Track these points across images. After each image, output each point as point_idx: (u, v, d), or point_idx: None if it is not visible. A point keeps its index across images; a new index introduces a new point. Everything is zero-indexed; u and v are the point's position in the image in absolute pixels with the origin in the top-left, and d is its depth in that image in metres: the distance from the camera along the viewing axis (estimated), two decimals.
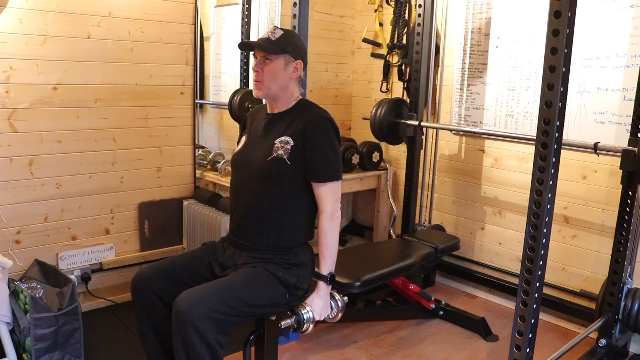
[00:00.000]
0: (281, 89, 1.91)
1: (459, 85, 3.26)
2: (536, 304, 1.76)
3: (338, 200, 1.92)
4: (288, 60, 1.88)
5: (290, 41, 1.89)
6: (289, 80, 1.91)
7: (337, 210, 1.92)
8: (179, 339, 1.72)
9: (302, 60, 1.92)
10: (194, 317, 1.69)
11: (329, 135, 1.89)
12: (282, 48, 1.86)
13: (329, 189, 1.89)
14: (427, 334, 2.77)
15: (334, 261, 1.94)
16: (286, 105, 1.96)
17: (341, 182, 1.94)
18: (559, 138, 1.65)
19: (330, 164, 1.88)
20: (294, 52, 1.89)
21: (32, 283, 2.44)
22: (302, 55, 1.93)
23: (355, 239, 4.11)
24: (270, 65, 1.87)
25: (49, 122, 2.61)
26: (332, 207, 1.89)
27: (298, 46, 1.92)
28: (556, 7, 1.56)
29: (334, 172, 1.90)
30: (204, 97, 3.52)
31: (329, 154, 1.88)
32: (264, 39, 1.88)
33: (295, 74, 1.91)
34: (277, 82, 1.89)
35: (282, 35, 1.88)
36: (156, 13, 2.86)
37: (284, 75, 1.89)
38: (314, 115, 1.91)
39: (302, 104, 1.97)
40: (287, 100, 1.95)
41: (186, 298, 1.73)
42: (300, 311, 1.87)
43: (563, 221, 2.86)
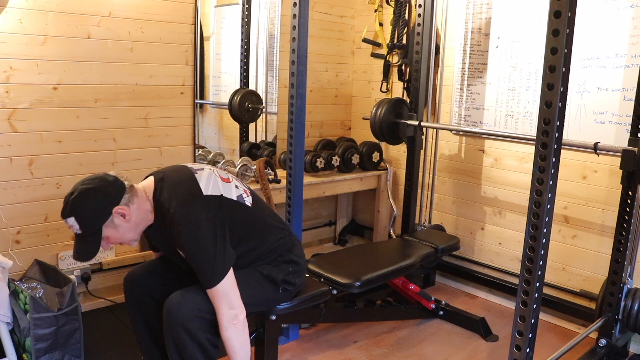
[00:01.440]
0: (136, 228, 1.80)
1: (459, 85, 3.26)
2: (536, 304, 1.76)
3: (232, 305, 1.73)
4: (108, 223, 1.73)
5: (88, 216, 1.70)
6: (129, 224, 1.77)
7: (235, 317, 1.74)
8: (170, 339, 1.73)
9: (114, 204, 1.72)
10: (183, 317, 1.70)
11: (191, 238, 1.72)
12: (93, 231, 1.72)
13: (218, 294, 1.72)
14: (427, 334, 2.77)
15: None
16: (150, 219, 1.83)
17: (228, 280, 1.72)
18: (559, 138, 1.65)
19: (203, 270, 1.71)
20: (103, 217, 1.71)
21: (32, 283, 2.44)
22: (108, 205, 1.72)
23: (355, 239, 4.11)
24: (109, 240, 1.76)
25: (49, 122, 2.61)
26: (227, 315, 1.73)
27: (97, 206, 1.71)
28: (556, 7, 1.56)
29: (209, 276, 1.71)
30: (204, 97, 3.52)
31: (201, 261, 1.72)
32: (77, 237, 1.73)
33: (127, 216, 1.74)
34: (128, 234, 1.78)
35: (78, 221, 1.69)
36: (156, 13, 2.86)
37: (123, 228, 1.76)
38: (172, 224, 1.74)
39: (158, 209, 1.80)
40: (147, 219, 1.82)
41: (176, 298, 1.74)
42: None
43: (563, 221, 2.86)
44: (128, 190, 1.76)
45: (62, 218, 1.71)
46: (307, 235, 3.89)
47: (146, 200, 1.81)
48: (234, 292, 1.75)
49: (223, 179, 1.88)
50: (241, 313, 1.76)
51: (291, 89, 2.38)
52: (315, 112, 3.72)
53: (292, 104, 2.39)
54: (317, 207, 3.98)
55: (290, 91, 2.38)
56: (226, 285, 1.72)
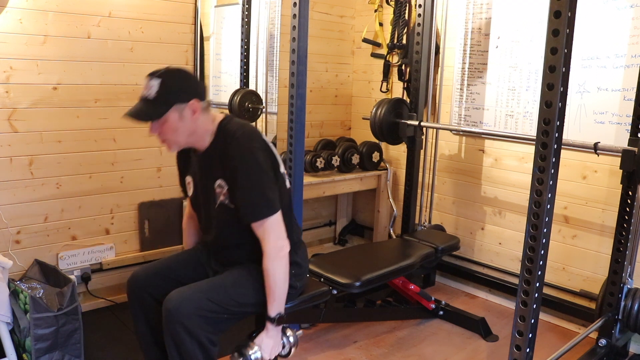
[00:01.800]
0: (190, 135, 1.77)
1: (459, 85, 3.26)
2: (536, 304, 1.76)
3: (280, 237, 1.77)
4: (179, 108, 1.70)
5: (172, 88, 1.70)
6: (192, 124, 1.75)
7: (281, 248, 1.77)
8: (169, 337, 1.73)
9: (195, 97, 1.72)
10: (182, 315, 1.70)
11: (248, 166, 1.72)
12: (165, 103, 1.68)
13: (266, 227, 1.75)
14: (427, 334, 2.77)
15: (283, 300, 1.84)
16: (204, 143, 1.82)
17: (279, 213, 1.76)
18: (559, 138, 1.65)
19: (256, 199, 1.73)
20: (181, 97, 1.70)
21: (32, 283, 2.44)
22: (192, 92, 1.73)
23: (355, 239, 4.11)
24: (165, 125, 1.72)
25: (49, 122, 2.61)
26: (274, 246, 1.76)
27: (183, 86, 1.73)
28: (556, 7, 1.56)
29: (264, 208, 1.73)
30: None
31: (253, 189, 1.72)
32: (143, 100, 1.71)
33: (195, 114, 1.73)
34: (181, 134, 1.75)
35: (161, 86, 1.67)
36: (156, 13, 2.87)
37: (184, 124, 1.73)
38: (230, 146, 1.74)
39: (221, 132, 1.80)
40: (203, 138, 1.81)
41: (175, 297, 1.74)
42: (247, 352, 1.81)
43: (563, 221, 2.86)
44: (207, 102, 1.80)
45: (149, 76, 1.70)
46: (307, 235, 3.89)
47: (212, 123, 1.81)
48: (282, 226, 1.78)
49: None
50: (286, 247, 1.79)
51: (291, 89, 2.37)
52: (315, 112, 3.72)
53: (292, 104, 2.39)
54: (317, 207, 3.98)
55: (290, 91, 2.38)
56: (278, 216, 1.76)
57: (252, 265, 1.88)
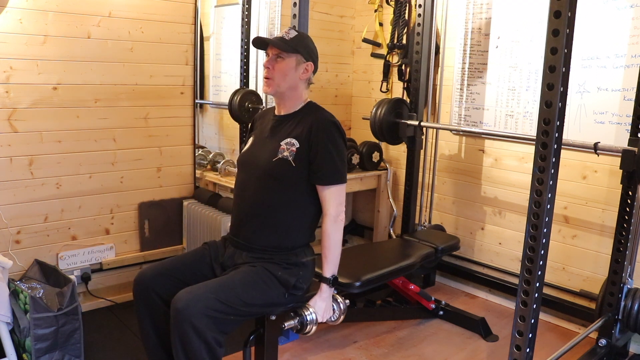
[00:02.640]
0: (290, 88, 1.93)
1: (459, 85, 3.26)
2: (536, 304, 1.76)
3: (342, 204, 1.93)
4: (300, 60, 1.91)
5: (304, 42, 1.93)
6: (298, 81, 1.93)
7: (340, 213, 1.92)
8: (176, 336, 1.72)
9: (313, 63, 1.95)
10: (191, 315, 1.69)
11: (334, 138, 1.89)
12: (295, 48, 1.89)
13: (332, 192, 1.90)
14: (427, 334, 2.77)
15: (337, 264, 1.95)
16: (294, 106, 1.97)
17: (345, 185, 1.93)
18: (559, 138, 1.65)
19: (334, 167, 1.88)
20: (306, 54, 1.92)
21: (32, 283, 2.44)
22: (314, 58, 1.96)
23: (355, 239, 4.11)
24: (282, 63, 1.89)
25: (49, 122, 2.61)
26: (335, 210, 1.91)
27: (311, 49, 1.96)
28: (556, 7, 1.56)
29: (338, 175, 1.90)
30: (204, 97, 3.52)
31: (334, 157, 1.88)
32: (279, 38, 1.91)
33: (305, 75, 1.94)
34: (287, 81, 1.91)
35: (296, 37, 1.92)
36: (156, 13, 2.87)
37: (294, 74, 1.91)
38: (320, 118, 1.91)
39: (310, 106, 1.98)
40: (295, 101, 1.97)
41: (184, 296, 1.74)
42: (303, 312, 1.87)
43: (563, 221, 2.86)
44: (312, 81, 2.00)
45: (288, 29, 1.95)
46: None
47: (306, 93, 1.99)
48: (344, 196, 1.95)
49: None
50: (343, 213, 1.94)
51: None
52: None
53: None
54: None
55: None
56: (344, 187, 1.93)
57: (260, 263, 1.88)
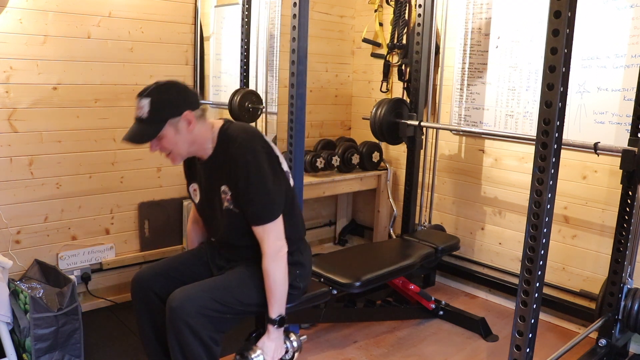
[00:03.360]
0: (190, 145, 1.79)
1: (459, 85, 3.26)
2: (536, 304, 1.76)
3: (279, 237, 1.80)
4: (173, 123, 1.71)
5: (162, 104, 1.70)
6: (190, 135, 1.76)
7: (280, 249, 1.80)
8: (172, 336, 1.73)
9: (188, 108, 1.73)
10: (186, 314, 1.70)
11: (252, 171, 1.74)
12: (158, 120, 1.69)
13: (266, 230, 1.78)
14: (427, 334, 2.77)
15: (283, 302, 1.85)
16: (207, 150, 1.84)
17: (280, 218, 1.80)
18: (559, 138, 1.65)
19: (259, 205, 1.76)
20: (173, 112, 1.71)
21: (32, 283, 2.44)
22: (184, 104, 1.73)
23: (355, 239, 4.11)
24: (164, 140, 1.73)
25: (49, 122, 2.61)
26: (273, 247, 1.78)
27: (174, 100, 1.72)
28: (556, 7, 1.56)
29: (266, 213, 1.77)
30: (204, 97, 3.52)
31: (257, 194, 1.75)
32: (137, 121, 1.71)
33: (191, 125, 1.74)
34: (182, 146, 1.77)
35: (151, 104, 1.68)
36: (156, 13, 2.87)
37: (181, 137, 1.74)
38: (233, 155, 1.76)
39: (223, 138, 1.82)
40: (204, 146, 1.82)
41: (179, 295, 1.74)
42: (249, 355, 1.81)
43: (563, 221, 2.86)
44: (201, 110, 1.80)
45: (138, 97, 1.70)
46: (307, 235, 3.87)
47: (210, 130, 1.83)
48: (281, 226, 1.82)
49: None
50: (285, 247, 1.81)
51: (291, 89, 2.37)
52: (315, 112, 3.72)
53: (292, 104, 2.38)
54: (317, 207, 3.98)
55: (290, 91, 2.38)
56: (279, 219, 1.80)
57: (256, 265, 1.89)
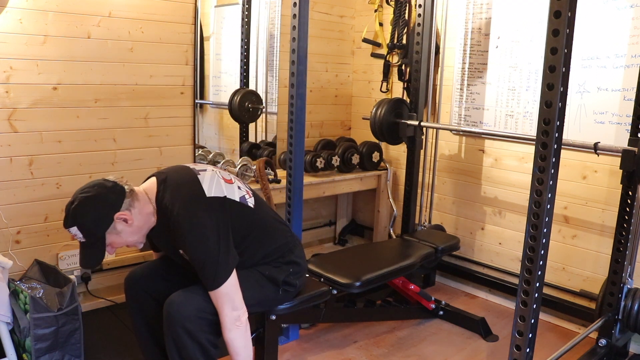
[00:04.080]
0: (139, 232, 1.80)
1: (459, 85, 3.26)
2: (536, 304, 1.76)
3: (235, 307, 1.74)
4: (112, 230, 1.73)
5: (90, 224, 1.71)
6: (133, 227, 1.77)
7: (237, 318, 1.74)
8: (170, 339, 1.73)
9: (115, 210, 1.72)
10: (183, 317, 1.70)
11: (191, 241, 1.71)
12: (96, 239, 1.73)
13: (217, 298, 1.73)
14: (427, 334, 2.77)
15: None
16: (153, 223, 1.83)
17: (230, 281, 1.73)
18: (559, 138, 1.65)
19: (205, 272, 1.72)
20: (104, 224, 1.72)
21: (32, 283, 2.44)
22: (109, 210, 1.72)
23: (355, 239, 4.11)
24: (114, 244, 1.77)
25: (49, 122, 2.61)
26: (228, 318, 1.73)
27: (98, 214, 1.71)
28: (556, 7, 1.56)
29: (212, 278, 1.71)
30: (204, 97, 3.52)
31: (201, 263, 1.71)
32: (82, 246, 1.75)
33: (129, 221, 1.74)
34: (132, 237, 1.79)
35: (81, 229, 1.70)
36: (156, 13, 2.86)
37: (127, 233, 1.76)
38: (172, 226, 1.74)
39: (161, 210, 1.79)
40: (149, 222, 1.82)
41: (176, 299, 1.74)
42: None
43: (563, 221, 2.86)
44: (128, 195, 1.75)
45: (65, 228, 1.72)
46: (307, 235, 3.89)
47: (148, 203, 1.80)
48: (237, 294, 1.76)
49: (226, 180, 1.88)
50: (243, 314, 1.77)
51: (291, 89, 2.38)
52: (315, 112, 3.72)
53: (292, 104, 2.39)
54: (317, 207, 3.98)
55: (290, 91, 2.38)
56: (229, 286, 1.73)
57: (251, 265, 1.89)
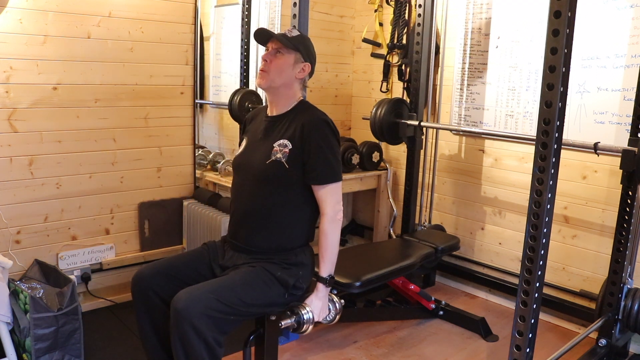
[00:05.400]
0: (284, 85, 1.93)
1: (459, 85, 3.26)
2: (536, 304, 1.76)
3: (339, 202, 1.92)
4: (298, 59, 1.92)
5: (304, 43, 1.94)
6: (293, 79, 1.93)
7: (338, 212, 1.91)
8: (176, 337, 1.72)
9: (311, 65, 1.96)
10: (191, 315, 1.69)
11: (326, 137, 1.89)
12: (296, 46, 1.90)
13: (328, 191, 1.88)
14: (427, 334, 2.77)
15: (334, 263, 1.94)
16: (286, 106, 1.96)
17: (341, 183, 1.92)
18: (559, 138, 1.65)
19: (328, 165, 1.87)
20: (305, 54, 1.93)
21: (32, 283, 2.44)
22: (312, 60, 1.96)
23: (355, 239, 4.11)
24: (281, 59, 1.90)
25: (49, 122, 2.61)
26: (333, 209, 1.89)
27: (310, 50, 1.96)
28: (556, 7, 1.56)
29: (333, 173, 1.88)
30: (204, 97, 3.52)
31: (327, 156, 1.87)
32: (281, 34, 1.92)
33: (302, 74, 1.94)
34: (282, 77, 1.91)
35: (298, 36, 1.93)
36: (156, 13, 2.86)
37: (290, 72, 1.91)
38: (311, 118, 1.90)
39: (301, 105, 1.97)
40: (288, 100, 1.96)
41: (184, 296, 1.74)
42: (300, 311, 1.87)
43: (563, 221, 2.86)
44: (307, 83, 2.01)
45: (290, 28, 2.02)
46: None
47: (297, 95, 1.97)
48: (341, 193, 1.93)
49: None
50: (341, 212, 1.93)
51: None
52: None
53: None
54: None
55: None
56: (340, 184, 1.92)
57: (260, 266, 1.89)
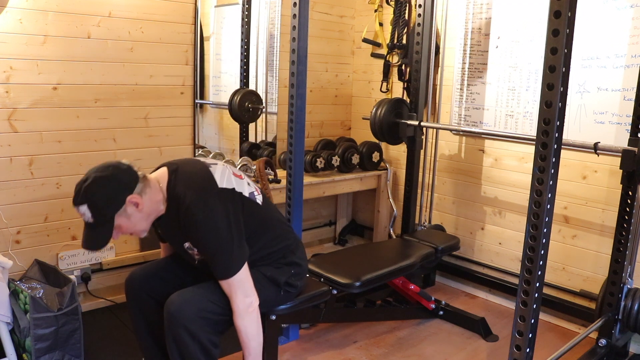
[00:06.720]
0: (147, 218, 1.79)
1: (459, 85, 3.26)
2: (536, 304, 1.76)
3: (247, 294, 1.77)
4: (121, 212, 1.69)
5: (101, 204, 1.66)
6: (141, 214, 1.74)
7: (249, 305, 1.77)
8: (171, 340, 1.73)
9: (127, 193, 1.69)
10: (185, 318, 1.70)
11: (204, 231, 1.71)
12: (105, 221, 1.68)
13: (232, 285, 1.75)
14: (427, 334, 2.77)
15: (259, 355, 1.85)
16: (161, 211, 1.82)
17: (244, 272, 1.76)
18: (559, 138, 1.65)
19: (218, 261, 1.74)
20: (116, 206, 1.68)
21: (32, 283, 2.44)
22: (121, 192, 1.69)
23: (355, 239, 4.11)
24: (121, 229, 1.73)
25: (49, 122, 2.61)
26: (242, 304, 1.76)
27: (110, 194, 1.68)
28: (556, 7, 1.56)
29: (225, 268, 1.74)
30: (204, 97, 3.52)
31: (213, 253, 1.73)
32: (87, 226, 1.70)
33: (140, 205, 1.72)
34: (140, 224, 1.76)
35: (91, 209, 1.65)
36: (156, 13, 2.86)
37: (135, 217, 1.73)
38: (184, 216, 1.73)
39: (171, 199, 1.78)
40: (158, 210, 1.80)
41: (177, 299, 1.74)
42: None
43: (563, 221, 2.86)
44: (141, 180, 1.73)
45: (74, 206, 1.67)
46: (307, 235, 3.89)
47: (159, 191, 1.78)
48: (249, 281, 1.78)
49: (236, 175, 1.89)
50: (255, 301, 1.79)
51: (291, 89, 2.38)
52: (315, 112, 3.72)
53: (292, 104, 2.39)
54: (317, 207, 3.98)
55: (290, 91, 2.38)
56: (243, 274, 1.75)
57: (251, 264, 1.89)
